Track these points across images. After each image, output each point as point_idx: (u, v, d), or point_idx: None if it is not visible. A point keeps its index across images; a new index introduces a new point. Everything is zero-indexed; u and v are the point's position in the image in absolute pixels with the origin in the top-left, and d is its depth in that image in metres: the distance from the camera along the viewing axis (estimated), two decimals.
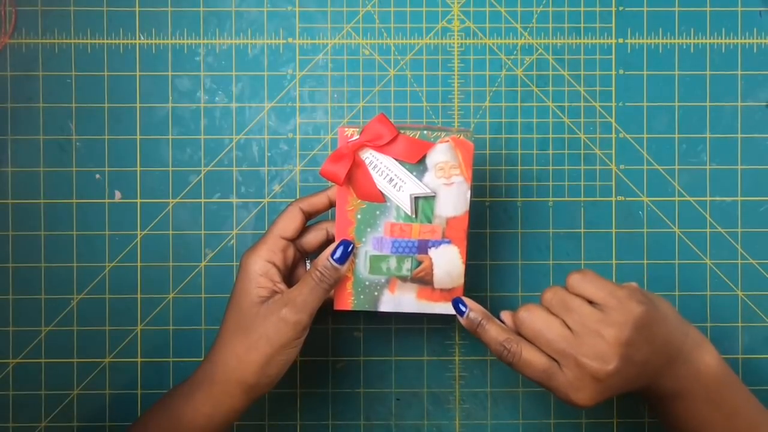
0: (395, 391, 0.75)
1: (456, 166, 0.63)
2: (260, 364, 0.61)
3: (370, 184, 0.63)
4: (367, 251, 0.65)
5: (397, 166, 0.64)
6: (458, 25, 0.75)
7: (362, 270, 0.65)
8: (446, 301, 0.65)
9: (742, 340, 0.75)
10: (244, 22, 0.74)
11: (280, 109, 0.75)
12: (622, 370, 0.59)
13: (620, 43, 0.75)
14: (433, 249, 0.64)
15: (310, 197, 0.65)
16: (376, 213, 0.64)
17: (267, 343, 0.61)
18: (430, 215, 0.64)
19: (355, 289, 0.65)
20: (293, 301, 0.62)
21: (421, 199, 0.64)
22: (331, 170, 0.63)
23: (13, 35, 0.74)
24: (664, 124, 0.75)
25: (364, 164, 0.64)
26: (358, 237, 0.64)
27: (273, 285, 0.63)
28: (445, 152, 0.64)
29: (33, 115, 0.74)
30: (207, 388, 0.62)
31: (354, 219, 0.64)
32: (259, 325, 0.61)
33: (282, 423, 0.74)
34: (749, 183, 0.75)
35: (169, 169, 0.74)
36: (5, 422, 0.73)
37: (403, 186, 0.64)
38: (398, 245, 0.64)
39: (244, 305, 0.62)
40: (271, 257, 0.63)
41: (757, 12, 0.75)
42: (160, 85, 0.74)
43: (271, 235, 0.64)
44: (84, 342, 0.74)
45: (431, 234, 0.64)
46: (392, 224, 0.64)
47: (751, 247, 0.75)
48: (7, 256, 0.74)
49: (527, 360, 0.61)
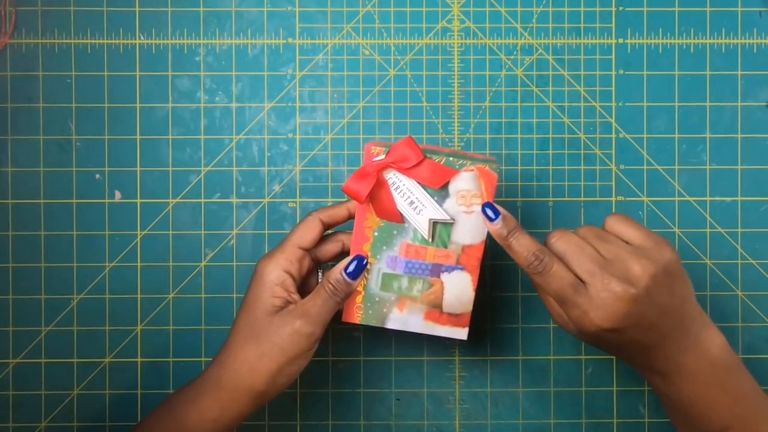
0: (395, 391, 0.75)
1: (478, 195, 0.63)
2: (271, 373, 0.62)
3: (391, 204, 0.64)
4: (381, 268, 0.65)
5: (419, 190, 0.63)
6: (458, 25, 0.75)
7: (374, 286, 0.65)
8: (452, 326, 0.65)
9: (742, 340, 0.75)
10: (244, 22, 0.74)
11: (280, 109, 0.75)
12: (644, 302, 0.59)
13: (620, 43, 0.75)
14: (446, 274, 0.64)
15: (330, 208, 0.65)
16: (393, 232, 0.64)
17: (280, 353, 0.61)
18: (447, 241, 0.64)
19: (365, 304, 0.65)
20: (307, 314, 0.62)
21: (440, 225, 0.64)
22: (354, 188, 0.63)
23: (13, 35, 0.74)
24: (664, 124, 0.75)
25: (387, 184, 0.63)
26: (373, 253, 0.64)
27: (288, 295, 0.63)
28: (469, 181, 0.63)
29: (33, 115, 0.74)
30: (214, 393, 0.62)
31: (371, 235, 0.64)
32: (272, 335, 0.61)
33: (282, 423, 0.74)
34: (749, 183, 0.75)
35: (169, 169, 0.74)
36: (5, 422, 0.73)
37: (423, 210, 0.64)
38: (412, 266, 0.64)
39: (258, 313, 0.62)
40: (288, 267, 0.63)
41: (757, 12, 0.75)
42: (160, 85, 0.74)
43: (289, 243, 0.64)
44: (84, 342, 0.74)
45: (445, 259, 0.64)
46: (408, 245, 0.64)
47: (751, 247, 0.75)
48: (7, 256, 0.74)
49: (557, 272, 0.60)
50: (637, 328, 0.60)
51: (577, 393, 0.75)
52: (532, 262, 0.61)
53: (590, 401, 0.75)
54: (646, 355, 0.62)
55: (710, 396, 0.62)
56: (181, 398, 0.64)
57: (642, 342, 0.61)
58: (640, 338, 0.60)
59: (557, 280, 0.60)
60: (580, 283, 0.60)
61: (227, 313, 0.74)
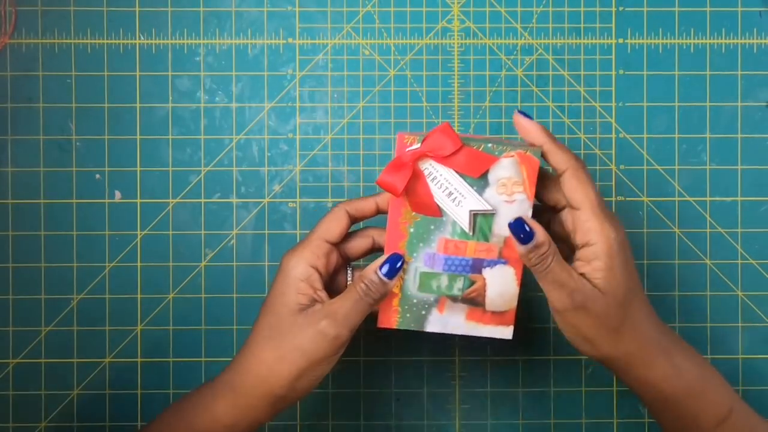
0: (395, 391, 0.75)
1: (519, 183, 0.59)
2: (291, 377, 0.58)
3: (428, 196, 0.59)
4: (418, 267, 0.61)
5: (457, 180, 0.60)
6: (458, 25, 0.75)
7: (411, 287, 0.61)
8: (496, 325, 0.62)
9: (742, 340, 0.75)
10: (244, 22, 0.75)
11: (280, 109, 0.75)
12: (626, 252, 0.58)
13: (620, 43, 0.75)
14: (488, 269, 0.61)
15: (357, 201, 0.61)
16: (430, 227, 0.60)
17: (301, 356, 0.58)
18: (488, 233, 0.60)
19: (402, 307, 0.61)
20: (334, 315, 0.58)
21: (480, 216, 0.60)
22: (390, 181, 0.58)
23: (13, 35, 0.74)
24: (664, 124, 0.75)
25: (423, 175, 0.59)
26: (410, 252, 0.61)
27: (313, 292, 0.59)
28: (510, 168, 0.59)
29: (33, 115, 0.74)
30: (230, 398, 0.59)
31: (406, 232, 0.60)
32: (294, 336, 0.58)
33: (282, 423, 0.74)
34: (749, 183, 0.75)
35: (169, 169, 0.74)
36: (5, 422, 0.73)
37: (462, 201, 0.60)
38: (451, 263, 0.61)
39: (281, 311, 0.59)
40: (314, 262, 0.59)
41: (757, 12, 0.75)
42: (160, 85, 0.74)
43: (314, 237, 0.60)
44: (84, 342, 0.74)
45: (487, 253, 0.60)
46: (447, 240, 0.60)
47: (751, 247, 0.75)
48: (7, 256, 0.74)
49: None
50: (626, 285, 0.58)
51: (577, 393, 0.75)
52: (565, 306, 0.58)
53: (590, 401, 0.75)
54: (619, 350, 0.60)
55: (666, 423, 0.63)
56: (192, 402, 0.61)
57: (623, 313, 0.59)
58: (624, 309, 0.58)
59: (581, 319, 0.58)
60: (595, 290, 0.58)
61: (227, 313, 0.74)
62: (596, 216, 0.57)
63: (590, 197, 0.58)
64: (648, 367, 0.60)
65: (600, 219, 0.57)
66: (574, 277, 0.58)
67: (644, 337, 0.60)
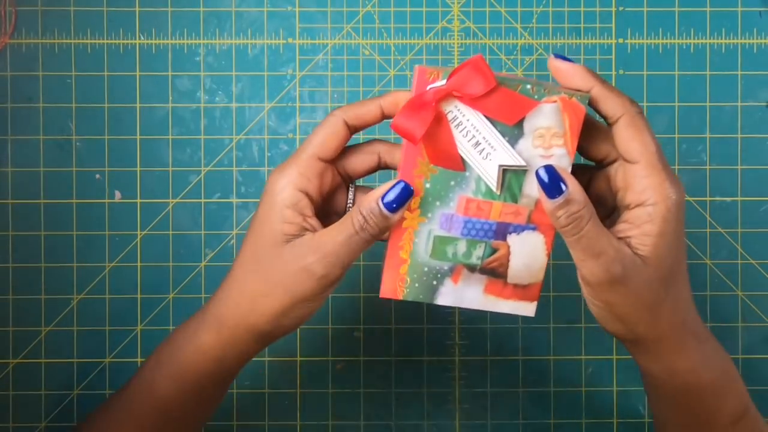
0: (395, 391, 0.75)
1: (560, 135, 0.51)
2: (275, 314, 0.52)
3: (451, 145, 0.50)
4: (432, 230, 0.52)
5: (487, 127, 0.50)
6: (458, 25, 0.75)
7: (422, 253, 0.52)
8: (518, 300, 0.53)
9: (742, 340, 0.75)
10: (244, 22, 0.75)
11: (280, 109, 0.75)
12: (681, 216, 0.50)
13: (620, 43, 0.75)
14: (514, 235, 0.52)
15: (357, 106, 0.52)
16: (450, 183, 0.51)
17: (285, 294, 0.51)
18: (517, 193, 0.51)
19: (411, 275, 0.53)
20: (323, 250, 0.50)
21: (510, 173, 0.51)
22: (407, 125, 0.49)
23: (13, 35, 0.74)
24: (664, 124, 0.75)
25: (446, 120, 0.50)
26: (424, 211, 0.52)
27: (302, 220, 0.51)
28: (550, 116, 0.50)
29: (33, 115, 0.74)
30: (215, 331, 0.54)
31: (421, 187, 0.51)
32: (279, 271, 0.51)
33: (282, 423, 0.74)
34: (749, 183, 0.75)
35: (169, 169, 0.74)
36: (5, 422, 0.73)
37: (491, 153, 0.50)
38: (472, 226, 0.52)
39: (265, 242, 0.51)
40: (304, 185, 0.51)
41: (757, 12, 0.75)
42: (160, 85, 0.74)
43: (305, 153, 0.52)
44: (84, 342, 0.74)
45: (514, 217, 0.52)
46: (469, 199, 0.51)
47: (751, 247, 0.75)
48: (7, 256, 0.74)
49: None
50: (677, 241, 0.51)
51: (577, 393, 0.75)
52: (599, 280, 0.50)
53: (590, 401, 0.75)
54: (652, 323, 0.52)
55: (668, 415, 0.58)
56: (182, 339, 0.55)
57: (668, 279, 0.51)
58: (672, 263, 0.51)
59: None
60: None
61: None
62: (657, 171, 0.49)
63: (650, 149, 0.49)
64: (678, 354, 0.53)
65: (661, 175, 0.49)
66: (613, 244, 0.49)
67: (681, 320, 0.53)
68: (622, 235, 0.51)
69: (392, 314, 0.74)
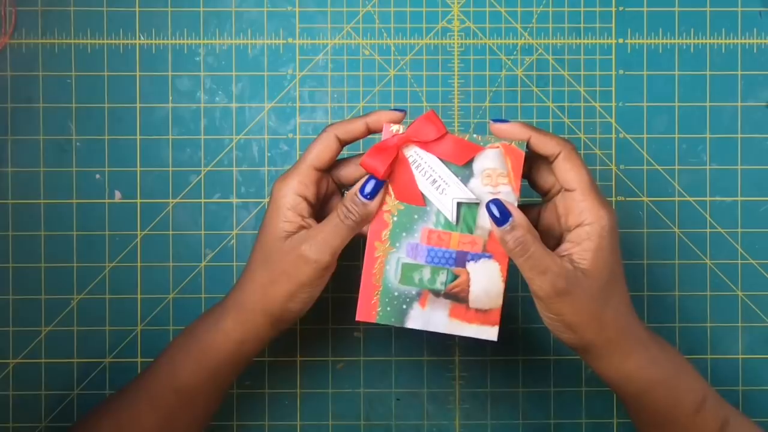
0: (395, 391, 0.75)
1: (504, 175, 0.59)
2: (283, 299, 0.60)
3: (412, 183, 0.60)
4: (400, 258, 0.60)
5: (441, 167, 0.59)
6: (458, 25, 0.75)
7: (392, 279, 0.60)
8: (481, 324, 0.60)
9: (742, 340, 0.75)
10: (244, 22, 0.75)
11: (280, 109, 0.75)
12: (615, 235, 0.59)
13: (620, 43, 0.75)
14: (472, 263, 0.60)
15: (346, 123, 0.61)
16: (414, 216, 0.60)
17: (287, 280, 0.60)
18: (472, 225, 0.60)
19: (382, 300, 0.60)
20: (315, 239, 0.59)
21: (464, 206, 0.60)
22: (372, 163, 0.59)
23: (13, 35, 0.74)
24: (664, 124, 0.75)
25: (407, 161, 0.60)
26: (392, 241, 0.60)
27: (301, 220, 0.60)
28: (495, 159, 0.59)
29: (33, 115, 0.74)
30: (236, 314, 0.62)
31: (390, 221, 0.60)
32: (281, 260, 0.60)
33: (282, 423, 0.74)
34: (749, 183, 0.75)
35: (169, 169, 0.74)
36: (5, 422, 0.73)
37: (446, 188, 0.59)
38: (434, 254, 0.60)
39: (270, 238, 0.60)
40: (303, 191, 0.60)
41: (757, 12, 0.75)
42: (160, 85, 0.74)
43: (304, 164, 0.61)
44: (84, 342, 0.74)
45: (471, 246, 0.60)
46: (430, 231, 0.60)
47: (751, 247, 0.75)
48: (7, 256, 0.74)
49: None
50: (613, 257, 0.59)
51: (577, 393, 0.75)
52: (548, 293, 0.58)
53: (590, 401, 0.75)
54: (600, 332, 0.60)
55: (633, 415, 0.63)
56: (202, 326, 0.63)
57: (610, 291, 0.59)
58: (611, 288, 0.59)
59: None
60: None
61: None
62: (591, 196, 0.59)
63: (584, 178, 0.59)
64: (626, 356, 0.60)
65: (594, 199, 0.59)
66: (556, 261, 0.58)
67: (624, 324, 0.60)
68: (566, 253, 0.59)
69: None
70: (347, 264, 0.66)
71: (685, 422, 0.62)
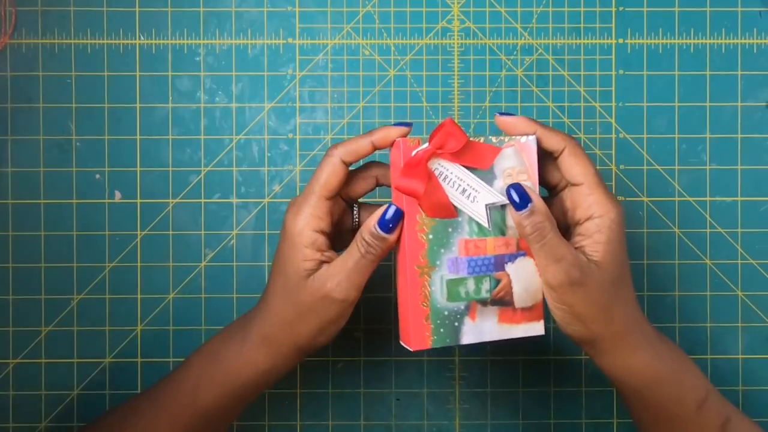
0: (395, 391, 0.75)
1: (524, 171, 0.59)
2: (312, 334, 0.60)
3: (443, 197, 0.58)
4: (444, 276, 0.59)
5: (468, 175, 0.59)
6: (458, 25, 0.75)
7: (440, 298, 0.59)
8: (528, 322, 0.60)
9: (742, 340, 0.75)
10: (244, 22, 0.75)
11: (280, 109, 0.75)
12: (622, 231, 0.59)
13: (620, 43, 0.75)
14: (510, 264, 0.60)
15: (350, 143, 0.59)
16: (448, 230, 0.59)
17: (315, 318, 0.59)
18: (503, 227, 0.59)
19: (434, 323, 0.59)
20: (337, 278, 0.58)
21: (493, 210, 0.59)
22: (407, 185, 0.57)
23: (13, 35, 0.74)
24: (664, 124, 0.75)
25: (435, 176, 0.58)
26: (432, 260, 0.59)
27: (321, 255, 0.59)
28: (512, 157, 0.59)
29: (33, 115, 0.74)
30: (266, 348, 0.61)
31: (426, 240, 0.59)
32: (307, 300, 0.59)
33: (282, 423, 0.74)
34: (749, 183, 0.75)
35: (169, 169, 0.74)
36: (5, 422, 0.73)
37: (477, 196, 0.59)
38: (475, 264, 0.59)
39: (291, 276, 0.59)
40: (318, 225, 0.59)
41: (757, 12, 0.75)
42: (160, 85, 0.74)
43: (313, 195, 0.59)
44: (84, 342, 0.74)
45: (505, 247, 0.60)
46: (467, 241, 0.59)
47: (751, 247, 0.75)
48: (7, 256, 0.74)
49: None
50: (622, 265, 0.59)
51: (577, 393, 0.75)
52: (561, 282, 0.57)
53: (590, 401, 0.75)
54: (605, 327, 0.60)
55: (635, 412, 0.63)
56: (228, 352, 0.62)
57: (616, 289, 0.59)
58: (617, 284, 0.59)
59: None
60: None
61: (227, 313, 0.74)
62: (598, 189, 0.59)
63: (590, 172, 0.59)
64: (633, 351, 0.60)
65: (602, 193, 0.59)
66: (571, 251, 0.58)
67: (631, 319, 0.60)
68: (577, 245, 0.59)
69: (392, 314, 0.74)
70: None
71: (687, 419, 0.62)
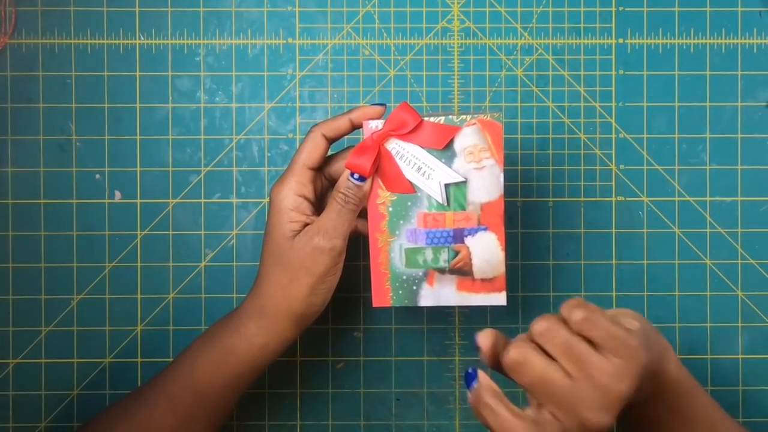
0: (395, 391, 0.75)
1: (486, 149, 0.62)
2: (305, 294, 0.62)
3: (398, 174, 0.63)
4: (402, 244, 0.63)
5: (424, 154, 0.62)
6: (458, 25, 0.75)
7: (398, 264, 0.63)
8: (488, 292, 0.63)
9: (742, 340, 0.75)
10: (244, 22, 0.75)
11: (280, 109, 0.75)
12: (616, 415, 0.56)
13: (620, 43, 0.75)
14: (470, 237, 0.63)
15: (331, 122, 0.64)
16: (407, 204, 0.63)
17: (307, 274, 0.61)
18: (463, 202, 0.63)
19: (393, 285, 0.64)
20: (324, 228, 0.61)
21: (453, 186, 0.63)
22: (357, 163, 0.62)
23: (13, 35, 0.74)
24: (664, 124, 0.75)
25: (391, 155, 0.62)
26: (391, 230, 0.63)
27: (306, 218, 0.63)
28: (473, 135, 0.62)
29: (33, 115, 0.74)
30: (258, 319, 0.63)
31: (386, 212, 0.63)
32: (296, 257, 0.61)
33: (282, 423, 0.74)
34: (749, 183, 0.75)
35: (169, 169, 0.74)
36: (5, 422, 0.73)
37: (432, 174, 0.62)
38: (433, 236, 0.63)
39: (280, 240, 0.62)
40: (301, 190, 0.63)
41: (757, 12, 0.75)
42: (160, 85, 0.74)
43: (297, 166, 0.63)
44: (84, 342, 0.74)
45: (466, 222, 0.63)
46: (425, 214, 0.63)
47: (751, 247, 0.75)
48: (7, 256, 0.74)
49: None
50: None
51: None
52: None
53: None
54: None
55: (664, 420, 0.61)
56: (224, 330, 0.64)
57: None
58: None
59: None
60: (546, 415, 0.56)
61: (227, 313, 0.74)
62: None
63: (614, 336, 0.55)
64: (668, 361, 0.59)
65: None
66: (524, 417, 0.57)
67: (665, 344, 0.60)
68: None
69: (392, 314, 0.74)
70: (346, 264, 0.65)
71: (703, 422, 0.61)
